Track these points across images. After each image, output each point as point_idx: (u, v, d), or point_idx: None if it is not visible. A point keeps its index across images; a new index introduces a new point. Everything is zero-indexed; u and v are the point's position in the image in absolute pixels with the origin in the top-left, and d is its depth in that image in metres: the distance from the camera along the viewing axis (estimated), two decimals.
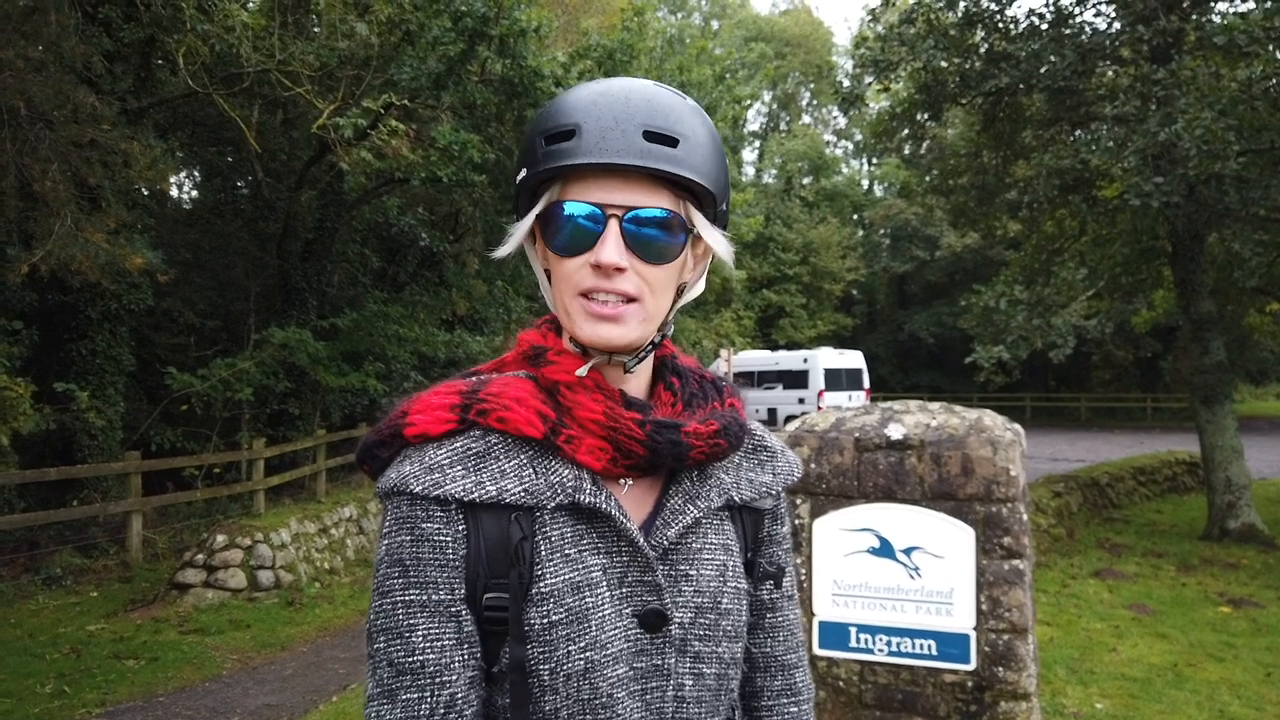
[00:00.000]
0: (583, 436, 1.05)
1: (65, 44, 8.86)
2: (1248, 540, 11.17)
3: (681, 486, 1.11)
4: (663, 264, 1.04)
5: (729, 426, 1.12)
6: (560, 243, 1.04)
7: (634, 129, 1.01)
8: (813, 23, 50.09)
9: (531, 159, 1.05)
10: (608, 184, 1.02)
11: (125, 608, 8.37)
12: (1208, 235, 11.73)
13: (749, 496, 1.17)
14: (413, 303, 15.69)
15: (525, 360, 1.14)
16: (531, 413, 1.05)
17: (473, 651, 1.02)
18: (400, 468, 1.03)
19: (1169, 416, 32.84)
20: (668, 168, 1.01)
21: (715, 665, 1.10)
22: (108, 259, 8.91)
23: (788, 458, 1.25)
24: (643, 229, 1.02)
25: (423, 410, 1.06)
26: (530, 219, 1.08)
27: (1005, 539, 4.02)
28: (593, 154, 1.00)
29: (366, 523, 11.22)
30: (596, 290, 1.02)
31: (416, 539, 1.01)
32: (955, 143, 19.00)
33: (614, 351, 1.06)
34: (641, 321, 1.04)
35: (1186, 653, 6.99)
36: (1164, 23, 10.30)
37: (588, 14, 21.21)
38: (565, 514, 1.04)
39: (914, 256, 39.13)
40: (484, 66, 11.08)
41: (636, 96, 1.04)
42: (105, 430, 10.91)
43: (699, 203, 1.07)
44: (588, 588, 1.03)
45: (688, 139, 1.03)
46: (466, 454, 1.03)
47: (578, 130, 1.01)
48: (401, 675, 0.99)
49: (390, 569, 1.01)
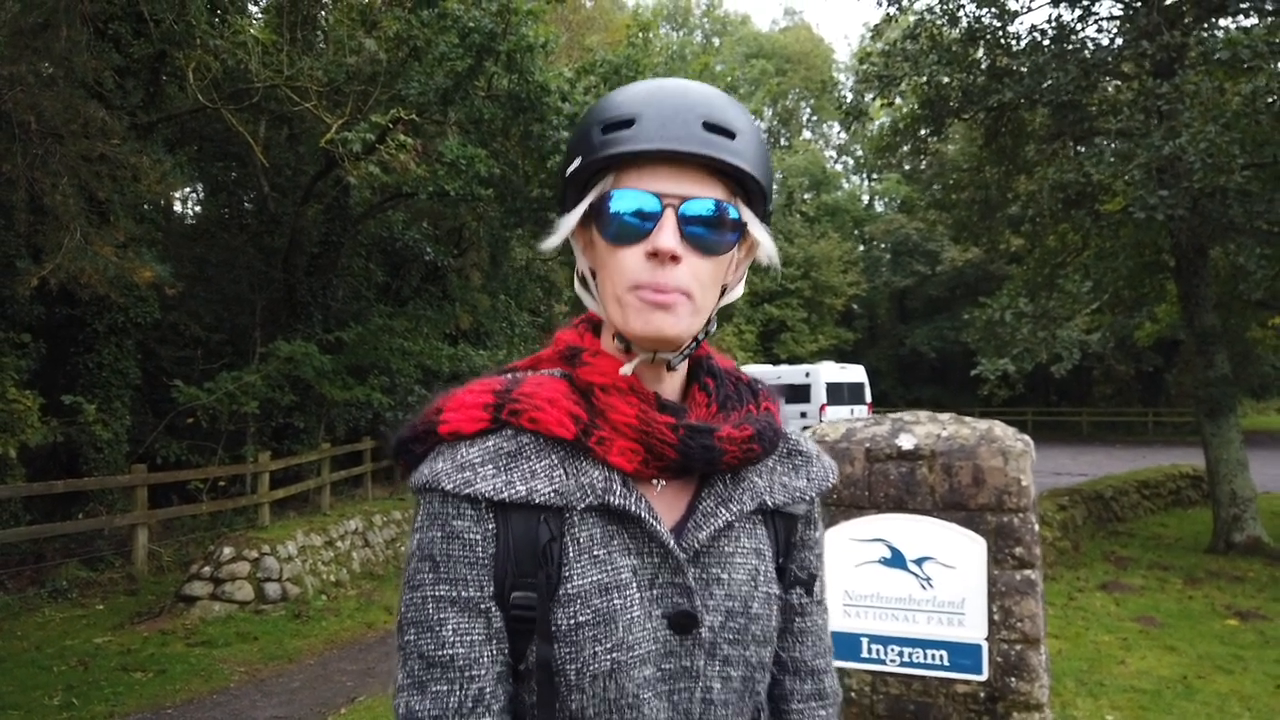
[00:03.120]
0: (614, 438, 1.05)
1: (76, 59, 8.93)
2: (1253, 553, 11.15)
3: (714, 489, 1.11)
4: (714, 257, 1.05)
5: (763, 431, 1.12)
6: (614, 231, 1.03)
7: (694, 119, 1.01)
8: (813, 39, 50.41)
9: (587, 147, 1.05)
10: (664, 174, 1.02)
11: (132, 620, 8.36)
12: (1211, 249, 11.76)
13: (782, 501, 1.17)
14: (417, 316, 15.73)
15: (561, 359, 1.14)
16: (563, 414, 1.05)
17: (501, 648, 1.03)
18: (433, 464, 1.04)
19: (1171, 431, 32.81)
20: (727, 157, 1.02)
21: (743, 668, 1.10)
22: (116, 272, 8.95)
23: (823, 463, 1.24)
24: (698, 219, 1.02)
25: (456, 408, 1.07)
26: (582, 208, 1.08)
27: (1017, 549, 4.03)
28: (654, 140, 1.00)
29: (372, 535, 11.22)
30: (651, 283, 1.02)
31: (447, 536, 1.02)
32: (957, 158, 19.10)
33: (662, 346, 1.06)
34: (691, 314, 1.04)
35: (1195, 665, 6.98)
36: (1167, 37, 10.37)
37: (592, 31, 21.37)
38: (595, 515, 1.05)
39: (915, 271, 39.21)
40: (491, 82, 11.16)
41: (694, 91, 1.06)
42: (111, 443, 10.93)
43: (749, 199, 1.08)
44: (616, 589, 1.03)
45: (743, 134, 1.04)
46: (498, 453, 1.04)
47: (637, 119, 1.02)
48: (432, 668, 1.00)
49: (421, 563, 1.03)
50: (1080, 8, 12.41)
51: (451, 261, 17.27)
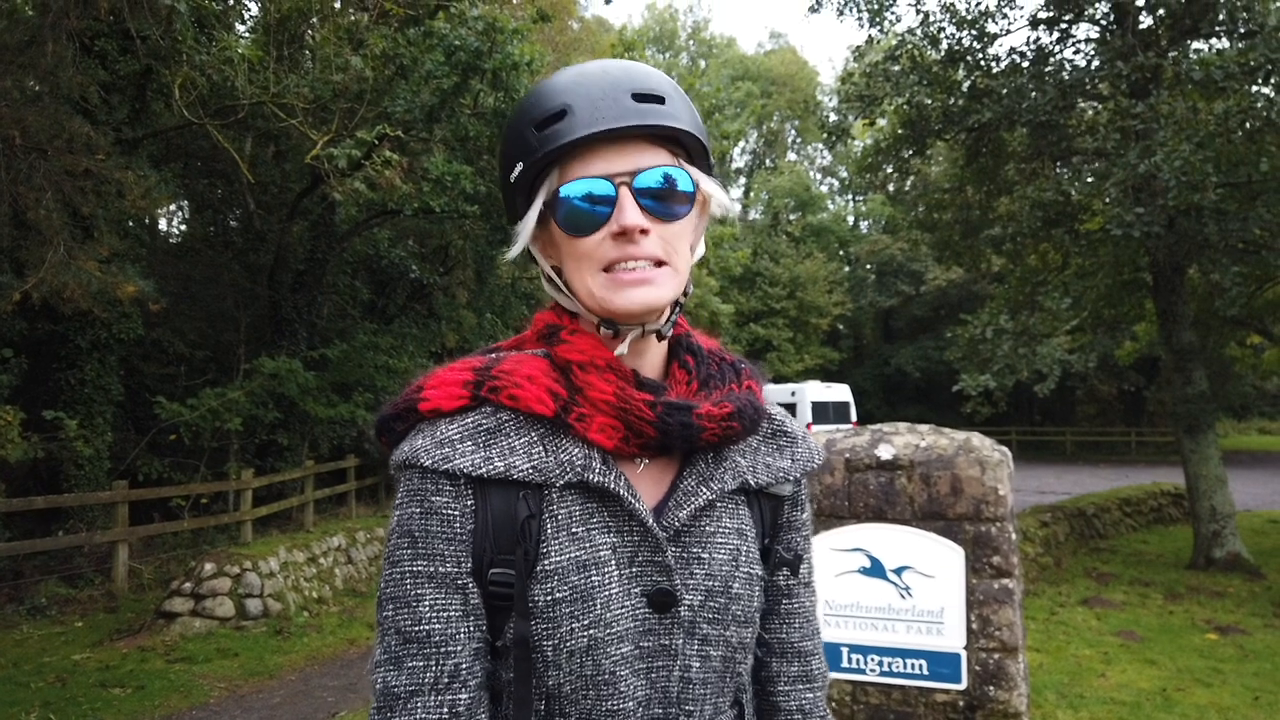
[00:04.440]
0: (594, 415, 1.06)
1: (61, 75, 8.94)
2: (1233, 569, 11.23)
3: (696, 468, 1.11)
4: (678, 219, 1.07)
5: (743, 409, 1.12)
6: (574, 224, 1.05)
7: (622, 94, 1.04)
8: (798, 62, 50.86)
9: (525, 150, 1.06)
10: (607, 154, 1.04)
11: (111, 637, 8.28)
12: (1188, 267, 11.92)
13: (765, 481, 1.17)
14: (402, 334, 15.72)
15: (540, 339, 1.15)
16: (542, 390, 1.06)
17: (478, 624, 1.03)
18: (413, 441, 1.06)
19: (1153, 450, 33.04)
20: (665, 121, 1.04)
21: (723, 648, 1.10)
22: (100, 287, 8.93)
23: (808, 444, 1.24)
24: (654, 189, 1.04)
25: (437, 385, 1.08)
26: (536, 209, 1.09)
27: (994, 558, 4.07)
28: (591, 125, 1.01)
29: (355, 552, 11.16)
30: (623, 259, 1.03)
31: (426, 511, 1.03)
32: (939, 178, 19.29)
33: (649, 317, 1.07)
34: (671, 277, 1.06)
35: (1175, 678, 7.03)
36: (1142, 59, 10.56)
37: (578, 52, 21.50)
38: (574, 492, 1.05)
39: (899, 291, 39.48)
40: (477, 99, 11.23)
41: (614, 68, 1.08)
42: (92, 460, 10.85)
43: (690, 157, 1.11)
44: (594, 566, 1.03)
45: (671, 96, 1.07)
46: (477, 430, 1.05)
47: (569, 109, 1.03)
48: (408, 643, 1.01)
49: (400, 539, 1.04)
50: (1058, 30, 12.63)
51: (437, 279, 17.28)
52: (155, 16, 8.87)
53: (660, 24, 47.60)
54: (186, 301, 14.34)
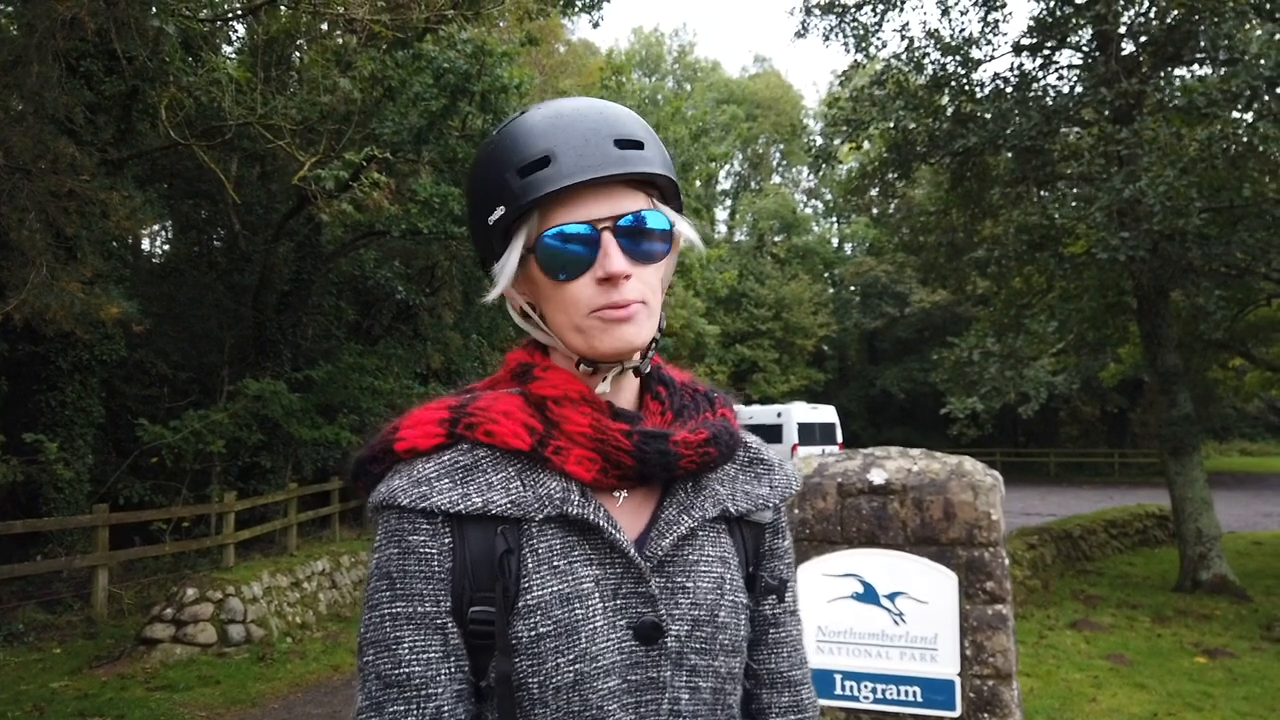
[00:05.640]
0: (570, 448, 1.05)
1: (47, 95, 8.88)
2: (1220, 591, 11.26)
3: (676, 498, 1.11)
4: (656, 263, 1.08)
5: (719, 435, 1.12)
6: (558, 268, 1.05)
7: (605, 140, 1.04)
8: (782, 86, 51.26)
9: (507, 195, 1.05)
10: (589, 200, 1.04)
11: (90, 664, 8.14)
12: (1172, 290, 12.02)
13: (745, 509, 1.16)
14: (387, 355, 15.65)
15: (514, 378, 1.15)
16: (518, 425, 1.06)
17: (460, 664, 1.02)
18: (390, 482, 1.05)
19: (1136, 471, 33.20)
20: (645, 168, 1.05)
21: (712, 679, 1.09)
22: (83, 309, 8.83)
23: (785, 471, 1.24)
24: (635, 234, 1.05)
25: (413, 425, 1.08)
26: (517, 253, 1.08)
27: (988, 583, 4.05)
28: (577, 174, 1.02)
29: (339, 577, 11.04)
30: (608, 305, 1.04)
31: (404, 551, 1.02)
32: (924, 201, 19.44)
33: (628, 356, 1.08)
34: (649, 318, 1.07)
35: (1165, 702, 7.01)
36: (1125, 85, 10.68)
37: (565, 75, 21.60)
38: (554, 526, 1.04)
39: (884, 313, 39.69)
40: (465, 122, 11.24)
41: (592, 113, 1.08)
42: (72, 483, 10.71)
43: (663, 197, 1.12)
44: (578, 599, 1.02)
45: (647, 140, 1.08)
46: (454, 467, 1.04)
47: (552, 156, 1.03)
48: (389, 688, 0.99)
49: (379, 582, 1.02)
50: (1041, 57, 12.78)
51: (423, 300, 17.24)
52: (143, 38, 8.83)
53: (646, 47, 47.91)
54: (169, 322, 14.23)
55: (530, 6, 12.69)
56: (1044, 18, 12.23)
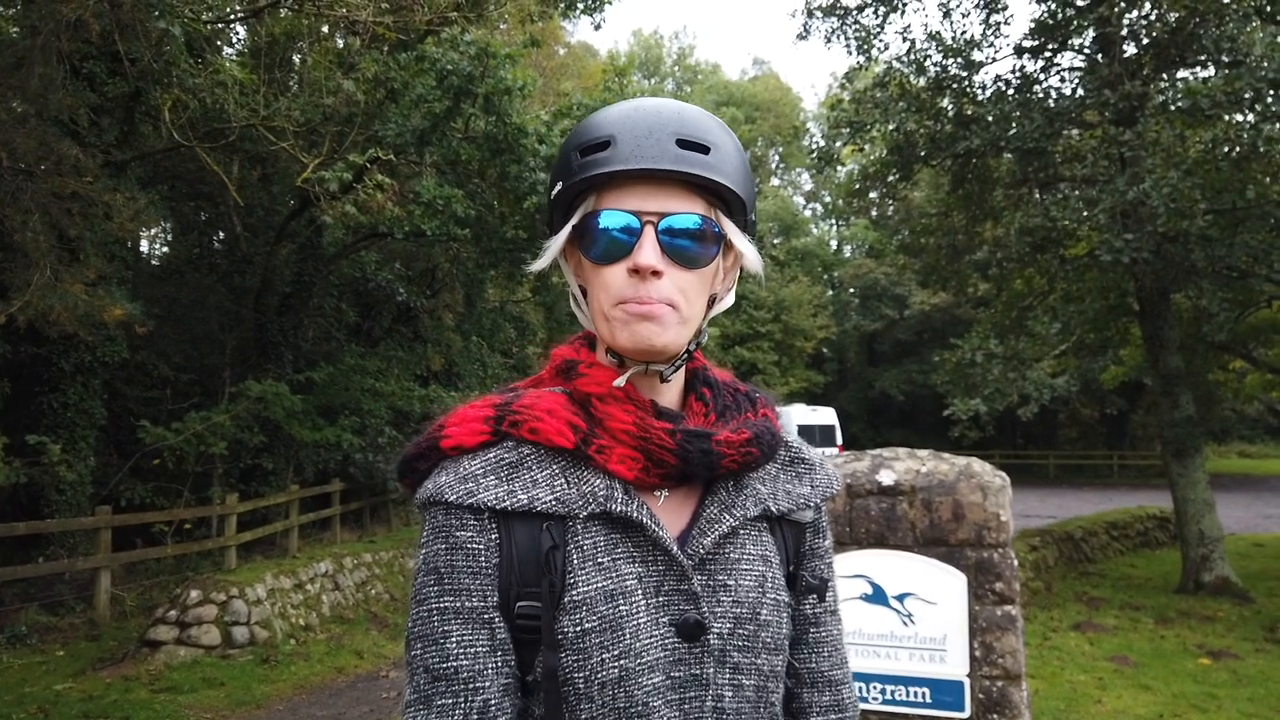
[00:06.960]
0: (614, 446, 1.06)
1: (50, 97, 8.88)
2: (1222, 593, 11.26)
3: (717, 496, 1.12)
4: (697, 269, 1.07)
5: (761, 435, 1.13)
6: (597, 251, 1.06)
7: (667, 137, 1.05)
8: (781, 88, 51.32)
9: (566, 172, 1.09)
10: (643, 192, 1.05)
11: (94, 666, 8.12)
12: (1175, 292, 12.03)
13: (786, 508, 1.17)
14: (388, 357, 15.64)
15: (558, 375, 1.16)
16: (563, 423, 1.07)
17: (506, 659, 1.03)
18: (437, 479, 1.06)
19: (1135, 473, 33.20)
20: (701, 172, 1.05)
21: (755, 677, 1.09)
22: (86, 310, 8.82)
23: (826, 470, 1.25)
24: (678, 234, 1.05)
25: (459, 423, 1.10)
26: (566, 231, 1.10)
27: (997, 584, 4.05)
28: (629, 161, 1.03)
29: (342, 578, 11.03)
30: (635, 298, 1.04)
31: (451, 547, 1.03)
32: (924, 203, 19.45)
33: (652, 357, 1.08)
34: (678, 324, 1.06)
35: (1170, 704, 7.01)
36: (1127, 87, 10.69)
37: (566, 77, 21.66)
38: (598, 523, 1.05)
39: (884, 315, 39.69)
40: (468, 123, 11.23)
41: (668, 109, 1.09)
42: (75, 485, 10.69)
43: (729, 211, 1.11)
44: (622, 596, 1.03)
45: (718, 148, 1.08)
46: (500, 464, 1.06)
47: (613, 141, 1.05)
48: (436, 681, 1.01)
49: (427, 577, 1.04)
50: (1043, 59, 12.79)
51: (424, 302, 17.23)
52: (147, 39, 8.84)
53: (646, 50, 48.00)
54: (171, 324, 14.21)
55: (532, 9, 12.69)
56: (1046, 20, 12.24)
